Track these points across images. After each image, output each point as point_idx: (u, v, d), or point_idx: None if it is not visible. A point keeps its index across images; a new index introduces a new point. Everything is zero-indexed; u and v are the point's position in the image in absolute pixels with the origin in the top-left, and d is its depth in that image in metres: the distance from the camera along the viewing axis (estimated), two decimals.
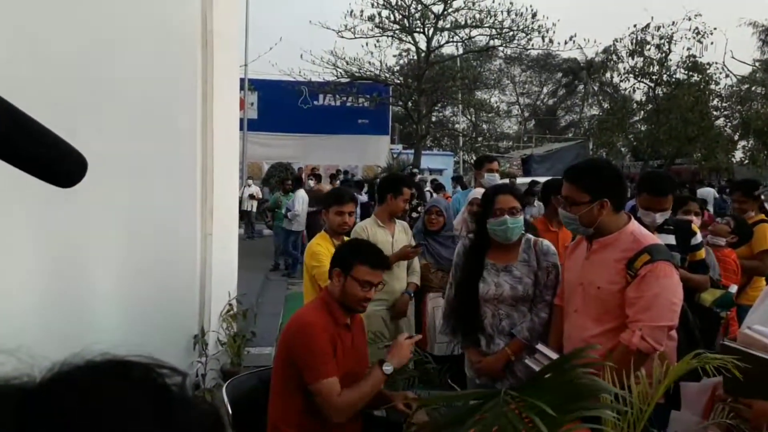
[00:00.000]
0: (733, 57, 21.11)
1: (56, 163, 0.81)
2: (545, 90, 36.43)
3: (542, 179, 15.12)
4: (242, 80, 14.37)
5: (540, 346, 2.39)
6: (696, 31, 20.03)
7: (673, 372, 1.30)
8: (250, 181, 14.06)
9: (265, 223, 11.66)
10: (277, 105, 19.99)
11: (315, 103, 21.16)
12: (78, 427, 0.41)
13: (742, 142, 21.28)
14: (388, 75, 21.16)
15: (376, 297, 2.48)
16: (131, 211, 3.41)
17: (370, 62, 20.39)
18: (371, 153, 20.59)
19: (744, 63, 21.95)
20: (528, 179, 13.44)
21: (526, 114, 35.87)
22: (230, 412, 2.41)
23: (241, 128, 10.55)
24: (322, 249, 3.36)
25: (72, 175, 0.84)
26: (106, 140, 2.91)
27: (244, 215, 11.62)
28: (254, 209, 13.50)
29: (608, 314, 2.18)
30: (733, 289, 3.16)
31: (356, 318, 2.45)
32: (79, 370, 0.46)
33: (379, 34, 20.08)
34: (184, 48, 4.15)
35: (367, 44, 19.92)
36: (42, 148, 0.79)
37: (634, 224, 2.26)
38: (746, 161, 20.10)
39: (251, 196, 13.41)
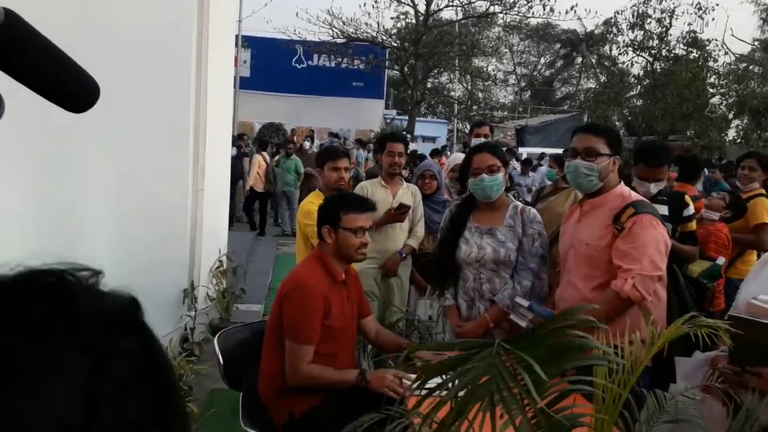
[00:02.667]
0: (732, 35, 21.14)
1: (72, 86, 0.80)
2: (543, 61, 36.08)
3: (534, 150, 15.17)
4: (236, 37, 14.05)
5: (518, 299, 2.45)
6: (698, 6, 19.84)
7: (665, 334, 1.32)
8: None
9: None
10: (271, 63, 19.63)
11: (309, 63, 20.81)
12: None
13: (736, 121, 21.32)
14: (384, 37, 20.82)
15: (368, 255, 2.49)
16: (123, 165, 3.36)
17: (367, 23, 20.07)
18: (365, 117, 20.34)
19: (743, 41, 21.85)
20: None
21: (523, 84, 35.58)
22: (221, 362, 2.43)
23: (234, 86, 10.29)
24: (315, 207, 3.33)
25: (86, 100, 0.82)
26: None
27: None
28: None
29: (596, 270, 2.28)
30: (721, 261, 3.21)
31: (351, 272, 2.45)
32: None
33: None
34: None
35: (364, 5, 19.56)
36: (60, 71, 0.78)
37: (622, 186, 2.42)
38: (739, 140, 20.17)
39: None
